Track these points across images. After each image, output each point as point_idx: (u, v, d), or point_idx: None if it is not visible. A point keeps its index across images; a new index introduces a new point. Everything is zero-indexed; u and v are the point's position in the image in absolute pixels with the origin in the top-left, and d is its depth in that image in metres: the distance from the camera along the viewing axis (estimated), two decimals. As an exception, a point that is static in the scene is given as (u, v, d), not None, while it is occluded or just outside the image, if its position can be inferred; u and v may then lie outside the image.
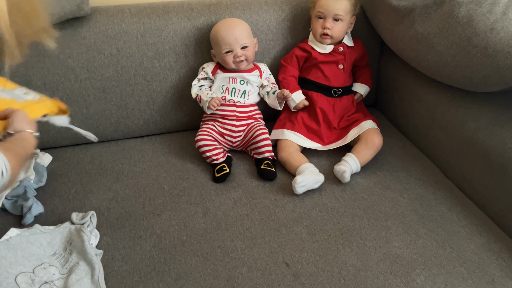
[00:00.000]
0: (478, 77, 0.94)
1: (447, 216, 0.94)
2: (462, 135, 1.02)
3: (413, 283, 0.78)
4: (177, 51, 1.17)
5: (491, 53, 0.88)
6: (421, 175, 1.07)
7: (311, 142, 1.15)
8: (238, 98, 1.15)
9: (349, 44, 1.20)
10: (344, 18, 1.14)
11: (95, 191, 1.01)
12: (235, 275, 0.80)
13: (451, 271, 0.80)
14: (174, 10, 1.16)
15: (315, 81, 1.19)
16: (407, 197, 1.00)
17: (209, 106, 1.10)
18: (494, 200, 0.94)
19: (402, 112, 1.27)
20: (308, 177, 0.99)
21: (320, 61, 1.18)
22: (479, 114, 1.00)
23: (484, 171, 0.96)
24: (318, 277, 0.80)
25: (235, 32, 1.10)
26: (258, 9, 1.21)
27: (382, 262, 0.82)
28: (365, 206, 0.97)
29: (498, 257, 0.84)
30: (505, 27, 0.86)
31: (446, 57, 0.98)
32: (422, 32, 1.03)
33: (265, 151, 1.10)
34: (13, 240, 0.82)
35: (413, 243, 0.87)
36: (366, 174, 1.07)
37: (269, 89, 1.17)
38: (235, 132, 1.14)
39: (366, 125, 1.13)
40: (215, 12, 1.18)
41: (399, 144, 1.20)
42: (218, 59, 1.15)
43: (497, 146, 0.93)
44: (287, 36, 1.24)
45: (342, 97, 1.20)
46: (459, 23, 0.93)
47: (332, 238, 0.88)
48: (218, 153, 1.09)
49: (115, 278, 0.80)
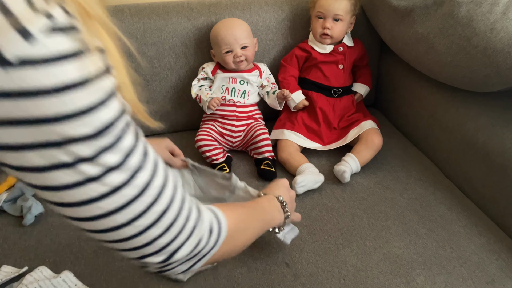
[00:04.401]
0: (478, 77, 0.94)
1: (447, 216, 0.94)
2: (462, 135, 1.02)
3: (413, 283, 0.78)
4: (177, 51, 1.17)
5: (491, 53, 0.88)
6: (421, 175, 1.07)
7: (311, 142, 1.15)
8: (238, 98, 1.15)
9: (349, 44, 1.20)
10: (344, 18, 1.14)
11: (95, 191, 1.01)
12: (235, 275, 0.80)
13: (451, 271, 0.80)
14: (174, 10, 1.16)
15: (315, 81, 1.19)
16: (407, 197, 1.00)
17: (209, 106, 1.10)
18: (494, 200, 0.94)
19: (402, 112, 1.27)
20: (308, 177, 0.99)
21: (320, 61, 1.18)
22: (479, 114, 1.01)
23: (484, 171, 0.96)
24: (318, 277, 0.80)
25: (235, 32, 1.10)
26: (258, 9, 1.21)
27: (382, 262, 0.82)
28: (365, 206, 0.97)
29: (498, 257, 0.84)
30: (505, 27, 0.86)
31: (446, 57, 0.98)
32: (422, 32, 1.03)
33: (265, 151, 1.10)
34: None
35: (413, 243, 0.87)
36: (366, 174, 1.07)
37: (269, 89, 1.17)
38: (235, 132, 1.14)
39: (366, 125, 1.13)
40: (215, 12, 1.18)
41: (399, 144, 1.20)
42: (218, 59, 1.15)
43: (497, 146, 0.93)
44: (287, 36, 1.24)
45: (342, 97, 1.20)
46: (459, 23, 0.93)
47: (332, 238, 0.88)
48: (218, 153, 1.09)
49: (115, 278, 0.80)
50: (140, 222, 0.39)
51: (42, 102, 0.30)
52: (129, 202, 0.38)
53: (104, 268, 0.81)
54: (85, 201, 0.36)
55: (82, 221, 0.38)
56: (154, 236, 0.41)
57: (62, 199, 0.36)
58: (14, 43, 0.28)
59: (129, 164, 0.37)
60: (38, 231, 0.90)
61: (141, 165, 0.38)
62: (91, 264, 0.82)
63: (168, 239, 0.42)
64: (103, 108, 0.33)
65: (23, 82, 0.29)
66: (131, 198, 0.38)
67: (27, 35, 0.28)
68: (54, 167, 0.34)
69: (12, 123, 0.31)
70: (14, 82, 0.29)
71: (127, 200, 0.38)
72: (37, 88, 0.30)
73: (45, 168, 0.33)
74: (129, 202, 0.38)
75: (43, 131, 0.31)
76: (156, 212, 0.40)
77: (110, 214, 0.38)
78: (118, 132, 0.35)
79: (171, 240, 0.43)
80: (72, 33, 0.31)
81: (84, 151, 0.34)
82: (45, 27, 0.29)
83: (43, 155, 0.33)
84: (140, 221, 0.39)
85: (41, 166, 0.33)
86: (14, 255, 0.84)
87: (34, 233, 0.89)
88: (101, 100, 0.33)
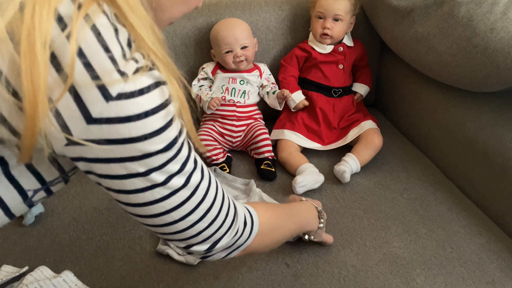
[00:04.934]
0: (478, 77, 0.94)
1: (447, 216, 0.94)
2: (462, 135, 1.02)
3: (413, 283, 0.78)
4: (177, 51, 1.17)
5: (491, 53, 0.88)
6: (421, 175, 1.07)
7: (311, 142, 1.15)
8: (238, 98, 1.15)
9: (349, 44, 1.20)
10: (344, 18, 1.14)
11: (95, 191, 1.01)
12: (235, 275, 0.80)
13: (451, 271, 0.80)
14: (174, 10, 1.16)
15: (315, 81, 1.19)
16: (407, 197, 1.00)
17: (209, 106, 1.10)
18: (494, 200, 0.94)
19: (402, 112, 1.27)
20: (308, 177, 0.99)
21: (320, 61, 1.18)
22: (479, 114, 1.00)
23: (484, 171, 0.96)
24: (318, 277, 0.80)
25: (235, 32, 1.10)
26: (258, 9, 1.21)
27: (382, 262, 0.82)
28: (365, 206, 0.97)
29: (498, 257, 0.84)
30: (505, 27, 0.86)
31: (446, 57, 0.98)
32: (422, 32, 1.03)
33: (265, 151, 1.10)
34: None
35: (413, 243, 0.87)
36: (366, 174, 1.07)
37: (269, 89, 1.17)
38: (235, 132, 1.14)
39: (366, 125, 1.13)
40: (215, 12, 1.18)
41: (399, 144, 1.20)
42: (218, 59, 1.15)
43: (497, 146, 0.93)
44: (287, 36, 1.24)
45: (342, 97, 1.20)
46: (459, 23, 0.93)
47: (332, 238, 0.88)
48: (218, 153, 1.09)
49: (115, 278, 0.80)
50: (191, 217, 0.48)
51: (131, 126, 0.38)
52: (183, 202, 0.46)
53: (104, 268, 0.81)
54: (151, 202, 0.44)
55: (146, 217, 0.47)
56: (201, 229, 0.50)
57: (133, 201, 0.44)
58: (115, 83, 0.36)
59: (185, 169, 0.45)
60: (38, 231, 0.90)
61: (193, 169, 0.47)
62: (91, 264, 0.83)
63: (212, 231, 0.51)
64: (171, 128, 0.41)
65: (120, 111, 0.37)
66: (185, 198, 0.46)
67: (124, 75, 0.37)
68: (131, 175, 0.42)
69: (107, 142, 0.38)
70: (113, 111, 0.37)
71: (182, 201, 0.46)
72: (128, 114, 0.38)
73: (124, 176, 0.41)
74: (183, 202, 0.46)
75: (128, 148, 0.39)
76: (203, 210, 0.49)
77: (168, 212, 0.46)
78: (179, 146, 0.43)
79: (214, 232, 0.52)
80: (149, 71, 0.39)
81: (156, 163, 0.42)
82: (134, 69, 0.38)
83: (125, 166, 0.41)
84: (191, 217, 0.48)
85: (121, 175, 0.41)
86: (14, 255, 0.84)
87: (34, 233, 0.89)
88: (170, 121, 0.41)
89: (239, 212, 0.56)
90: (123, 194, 0.44)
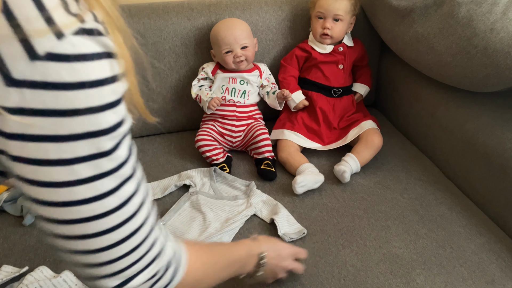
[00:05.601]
0: (478, 77, 0.94)
1: (447, 216, 0.94)
2: (462, 135, 1.02)
3: (413, 283, 0.78)
4: (177, 51, 1.17)
5: (491, 53, 0.88)
6: (421, 175, 1.07)
7: (311, 142, 1.15)
8: (238, 98, 1.15)
9: (349, 44, 1.20)
10: (344, 18, 1.14)
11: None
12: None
13: (451, 271, 0.80)
14: (174, 10, 1.16)
15: (315, 81, 1.19)
16: (407, 197, 1.00)
17: (209, 106, 1.10)
18: (494, 200, 0.94)
19: (402, 112, 1.27)
20: (308, 177, 0.99)
21: (320, 61, 1.18)
22: (479, 114, 1.01)
23: (484, 171, 0.96)
24: (318, 277, 0.80)
25: (235, 32, 1.10)
26: (258, 9, 1.21)
27: (382, 262, 0.82)
28: (365, 206, 0.97)
29: (498, 257, 0.84)
30: (505, 27, 0.86)
31: (446, 57, 0.98)
32: (422, 32, 1.03)
33: (265, 151, 1.10)
34: None
35: (413, 243, 0.87)
36: (366, 174, 1.07)
37: (269, 89, 1.17)
38: (235, 132, 1.14)
39: (366, 125, 1.13)
40: (215, 12, 1.18)
41: (399, 144, 1.20)
42: (218, 59, 1.15)
43: (497, 146, 0.93)
44: (287, 36, 1.24)
45: (342, 97, 1.20)
46: (459, 23, 0.93)
47: (332, 239, 0.88)
48: (218, 153, 1.09)
49: (115, 278, 0.80)
50: (110, 236, 0.38)
51: (60, 95, 0.31)
52: (106, 212, 0.37)
53: (104, 268, 0.81)
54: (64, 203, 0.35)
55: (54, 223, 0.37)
56: (118, 256, 0.40)
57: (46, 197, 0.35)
58: (40, 34, 0.30)
59: (120, 172, 0.37)
60: (38, 231, 0.89)
61: (129, 177, 0.38)
62: (91, 264, 0.82)
63: (129, 261, 0.41)
64: (112, 111, 0.34)
65: (48, 75, 0.31)
66: (110, 209, 0.37)
67: (53, 25, 0.30)
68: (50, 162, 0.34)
69: (27, 113, 0.31)
70: (39, 73, 0.30)
71: (105, 211, 0.37)
72: (58, 81, 0.31)
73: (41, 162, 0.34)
74: (106, 212, 0.37)
75: (53, 123, 0.32)
76: (127, 230, 0.39)
77: (85, 221, 0.37)
78: (118, 138, 0.36)
79: (132, 264, 0.41)
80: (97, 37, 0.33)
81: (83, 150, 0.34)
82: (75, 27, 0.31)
83: (44, 148, 0.33)
84: (110, 235, 0.38)
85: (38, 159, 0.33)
86: (14, 255, 0.84)
87: (34, 233, 0.89)
88: (112, 103, 0.34)
89: (165, 252, 0.45)
90: (35, 186, 0.34)
